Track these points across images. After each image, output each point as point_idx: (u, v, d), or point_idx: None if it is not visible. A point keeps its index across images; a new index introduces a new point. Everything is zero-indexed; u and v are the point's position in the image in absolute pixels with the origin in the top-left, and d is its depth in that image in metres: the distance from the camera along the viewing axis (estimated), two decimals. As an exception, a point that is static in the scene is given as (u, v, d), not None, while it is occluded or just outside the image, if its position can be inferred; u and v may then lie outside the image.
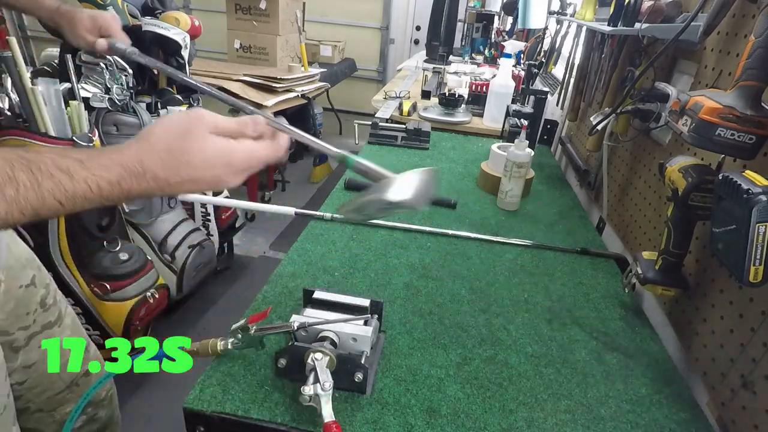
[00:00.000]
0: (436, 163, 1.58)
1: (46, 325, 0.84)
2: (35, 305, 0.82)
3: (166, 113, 1.90)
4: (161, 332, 2.00)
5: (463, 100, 2.08)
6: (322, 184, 3.74)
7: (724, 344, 0.72)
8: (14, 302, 0.78)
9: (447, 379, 0.72)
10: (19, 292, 0.80)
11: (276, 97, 2.72)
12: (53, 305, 0.87)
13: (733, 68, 0.79)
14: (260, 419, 0.62)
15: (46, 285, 0.86)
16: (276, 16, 3.08)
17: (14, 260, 0.79)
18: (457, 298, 0.91)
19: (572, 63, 1.72)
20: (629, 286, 0.93)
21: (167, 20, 1.89)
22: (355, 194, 1.30)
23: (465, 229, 1.16)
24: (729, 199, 0.59)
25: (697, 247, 0.83)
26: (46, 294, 0.85)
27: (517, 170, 1.23)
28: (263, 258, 2.68)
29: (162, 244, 1.97)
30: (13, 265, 0.79)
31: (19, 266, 0.80)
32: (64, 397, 0.91)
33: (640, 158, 1.13)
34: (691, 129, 0.66)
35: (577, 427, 0.66)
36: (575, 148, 1.66)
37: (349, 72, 4.54)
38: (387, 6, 4.93)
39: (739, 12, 0.80)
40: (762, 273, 0.55)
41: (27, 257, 0.84)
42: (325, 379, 0.59)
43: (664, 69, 1.08)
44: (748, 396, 0.65)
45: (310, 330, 0.68)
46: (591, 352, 0.81)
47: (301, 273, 0.94)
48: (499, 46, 3.26)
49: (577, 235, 1.20)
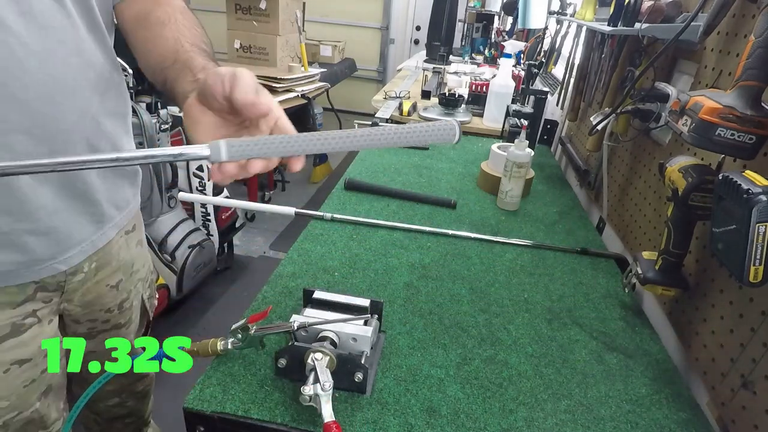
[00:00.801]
0: (436, 163, 1.58)
1: (116, 325, 0.91)
2: (114, 306, 0.88)
3: (166, 113, 1.90)
4: (161, 332, 1.99)
5: (463, 100, 2.08)
6: (322, 184, 3.74)
7: (724, 344, 0.72)
8: (95, 295, 0.83)
9: (447, 379, 0.72)
10: (104, 290, 0.85)
11: (276, 97, 2.71)
12: (128, 309, 0.93)
13: (733, 68, 0.79)
14: (260, 419, 0.62)
15: (129, 291, 0.92)
16: (276, 16, 3.08)
17: (116, 261, 0.85)
18: (457, 298, 0.91)
19: (572, 63, 1.72)
20: (629, 286, 0.93)
21: (167, 20, 1.88)
22: (355, 194, 1.30)
23: (465, 229, 1.16)
24: (729, 199, 0.59)
25: (697, 247, 0.83)
26: (126, 299, 0.91)
27: (517, 170, 1.23)
28: (263, 258, 2.69)
29: (162, 244, 1.97)
30: (111, 264, 0.84)
31: (115, 266, 0.86)
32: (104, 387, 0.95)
33: (640, 158, 1.13)
34: (691, 129, 0.66)
35: (577, 427, 0.66)
36: (575, 148, 1.66)
37: (349, 72, 4.54)
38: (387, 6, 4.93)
39: (739, 12, 0.80)
40: (762, 273, 0.55)
41: (124, 262, 0.88)
42: (325, 379, 0.59)
43: (664, 69, 1.08)
44: (748, 396, 0.65)
45: (310, 330, 0.68)
46: (591, 352, 0.81)
47: (301, 273, 0.94)
48: (499, 46, 3.26)
49: (577, 235, 1.20)
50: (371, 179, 1.38)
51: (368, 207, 1.24)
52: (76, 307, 0.82)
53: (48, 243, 0.70)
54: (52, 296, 0.76)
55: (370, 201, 1.27)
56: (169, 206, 2.00)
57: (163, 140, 1.83)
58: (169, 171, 1.91)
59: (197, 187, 2.18)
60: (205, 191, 2.19)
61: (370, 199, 1.28)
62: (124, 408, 1.09)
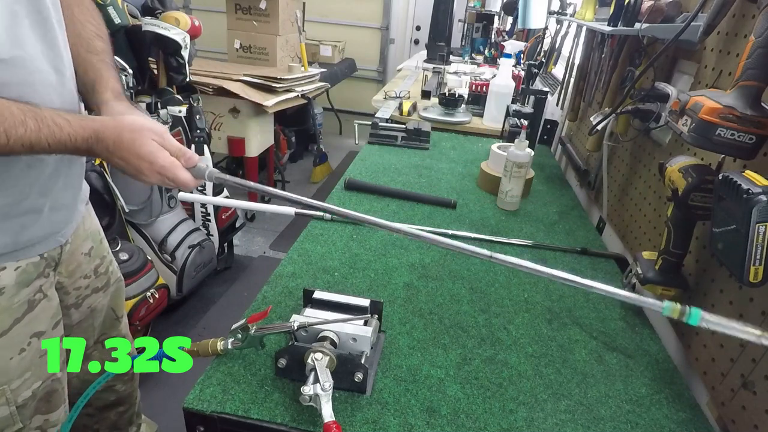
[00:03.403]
0: (436, 163, 1.58)
1: (94, 289, 0.97)
2: (90, 272, 0.95)
3: (166, 113, 1.90)
4: (161, 332, 2.00)
5: (463, 100, 2.08)
6: (322, 184, 3.74)
7: (724, 344, 0.72)
8: (75, 264, 0.90)
9: (447, 379, 0.72)
10: (81, 258, 0.92)
11: (276, 97, 2.72)
12: (103, 274, 0.99)
13: (733, 68, 0.79)
14: (260, 419, 0.62)
15: (102, 257, 0.99)
16: (276, 16, 3.08)
17: (82, 230, 0.92)
18: (457, 298, 0.91)
19: (572, 63, 1.72)
20: (629, 286, 0.93)
21: (167, 20, 1.89)
22: (355, 194, 1.30)
23: (465, 229, 1.16)
24: (729, 199, 0.59)
25: (697, 247, 0.83)
26: (100, 264, 0.98)
27: (517, 170, 1.23)
28: (263, 258, 2.68)
29: (162, 244, 1.97)
30: (80, 234, 0.91)
31: (84, 236, 0.93)
32: (91, 353, 1.01)
33: (640, 158, 1.13)
34: (691, 129, 0.66)
35: (577, 427, 0.66)
36: (575, 148, 1.66)
37: (349, 72, 4.54)
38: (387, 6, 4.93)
39: (739, 12, 0.80)
40: (762, 273, 0.55)
41: (92, 230, 0.96)
42: (325, 379, 0.59)
43: (664, 69, 1.08)
44: (748, 396, 0.65)
45: (310, 330, 0.68)
46: (591, 352, 0.81)
47: (301, 273, 0.94)
48: (499, 46, 3.26)
49: (577, 235, 1.20)
50: (371, 179, 1.38)
51: (368, 207, 1.24)
52: (65, 278, 0.89)
53: (60, 217, 0.80)
54: (51, 270, 0.83)
55: (370, 201, 1.27)
56: (169, 206, 2.00)
57: (163, 140, 1.83)
58: (169, 171, 1.91)
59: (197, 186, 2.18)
60: (205, 191, 2.19)
61: (370, 199, 1.28)
62: (114, 393, 1.11)
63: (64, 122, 0.64)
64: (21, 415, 0.78)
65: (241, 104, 2.67)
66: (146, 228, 1.95)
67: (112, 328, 1.05)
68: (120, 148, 0.66)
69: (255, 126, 2.80)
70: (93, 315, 0.98)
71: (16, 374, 0.76)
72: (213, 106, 2.68)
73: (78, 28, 0.82)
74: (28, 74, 0.68)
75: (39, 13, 0.69)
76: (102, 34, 0.85)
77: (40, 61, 0.69)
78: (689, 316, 0.53)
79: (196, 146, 2.11)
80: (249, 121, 2.74)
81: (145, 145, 0.67)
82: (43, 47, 0.70)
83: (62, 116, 0.65)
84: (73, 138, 0.64)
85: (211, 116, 2.70)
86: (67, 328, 0.92)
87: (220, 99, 2.65)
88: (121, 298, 1.08)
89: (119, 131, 0.67)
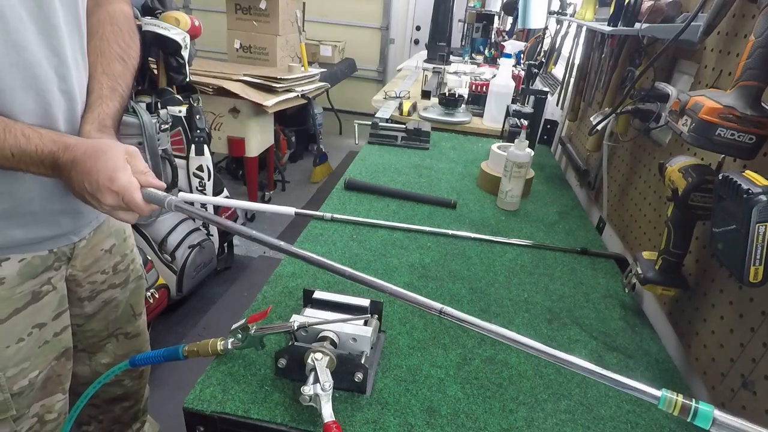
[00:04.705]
0: (436, 163, 1.58)
1: (111, 285, 0.98)
2: (108, 268, 0.96)
3: (166, 113, 1.90)
4: (161, 332, 2.00)
5: (463, 100, 2.08)
6: (322, 184, 3.74)
7: (724, 344, 0.72)
8: (92, 260, 0.92)
9: (447, 379, 0.72)
10: (99, 253, 0.93)
11: (276, 97, 2.72)
12: (123, 271, 1.01)
13: (733, 68, 0.79)
14: (260, 419, 0.62)
15: (124, 255, 1.01)
16: (276, 16, 3.08)
17: (106, 227, 0.94)
18: (457, 298, 0.91)
19: (572, 63, 1.72)
20: (629, 286, 0.93)
21: (167, 20, 1.89)
22: (355, 194, 1.30)
23: (465, 229, 1.16)
24: (729, 199, 0.59)
25: (697, 247, 0.83)
26: (120, 261, 1.00)
27: (517, 170, 1.23)
28: (263, 258, 2.68)
29: (162, 244, 1.97)
30: (103, 231, 0.93)
31: (107, 233, 0.95)
32: (104, 345, 1.03)
33: (640, 158, 1.13)
34: (691, 129, 0.66)
35: (577, 427, 0.66)
36: (575, 148, 1.66)
37: (349, 72, 4.54)
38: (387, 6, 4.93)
39: (739, 12, 0.80)
40: (762, 273, 0.55)
41: (116, 228, 0.98)
42: (325, 379, 0.59)
43: (664, 69, 1.08)
44: (748, 396, 0.65)
45: (310, 330, 0.68)
46: (591, 352, 0.81)
47: (301, 273, 0.94)
48: (499, 46, 3.26)
49: (577, 235, 1.20)
50: (371, 179, 1.38)
51: (368, 207, 1.24)
52: (79, 271, 0.90)
53: (73, 221, 0.82)
54: (62, 264, 0.85)
55: (370, 201, 1.27)
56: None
57: (163, 140, 1.83)
58: (169, 171, 1.91)
59: (197, 187, 2.18)
60: (205, 191, 2.19)
61: (370, 199, 1.28)
62: (122, 387, 1.12)
63: (35, 134, 0.65)
64: (17, 402, 0.79)
65: (241, 104, 2.67)
66: (146, 228, 1.95)
67: (128, 323, 1.06)
68: (89, 157, 0.65)
69: (255, 126, 2.80)
70: (107, 308, 0.99)
71: (12, 363, 0.78)
72: (213, 106, 2.68)
73: (103, 47, 0.82)
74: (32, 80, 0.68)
75: (47, 19, 0.69)
76: (126, 57, 0.84)
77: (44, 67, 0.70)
78: (695, 416, 0.45)
79: (196, 146, 2.11)
80: (249, 121, 2.74)
81: (112, 159, 0.65)
82: (47, 53, 0.70)
83: (35, 129, 0.65)
84: (40, 149, 0.64)
85: (211, 116, 2.70)
86: (82, 318, 0.95)
87: (220, 99, 2.65)
88: (140, 295, 1.10)
89: (94, 144, 0.67)
